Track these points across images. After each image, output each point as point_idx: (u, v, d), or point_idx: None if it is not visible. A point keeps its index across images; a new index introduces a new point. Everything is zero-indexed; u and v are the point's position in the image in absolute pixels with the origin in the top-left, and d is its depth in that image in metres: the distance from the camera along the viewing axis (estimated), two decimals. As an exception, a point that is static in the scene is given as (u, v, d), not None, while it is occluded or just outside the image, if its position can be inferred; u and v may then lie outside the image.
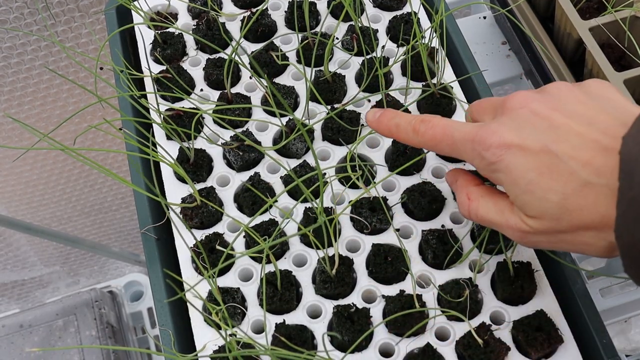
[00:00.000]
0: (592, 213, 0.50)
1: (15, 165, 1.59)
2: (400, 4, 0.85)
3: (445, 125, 0.60)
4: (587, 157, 0.50)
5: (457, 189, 0.63)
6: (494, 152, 0.54)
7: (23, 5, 1.19)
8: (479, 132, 0.56)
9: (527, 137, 0.53)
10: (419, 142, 0.62)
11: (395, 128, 0.64)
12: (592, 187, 0.50)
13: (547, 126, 0.53)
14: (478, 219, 0.60)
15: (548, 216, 0.53)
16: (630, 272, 0.49)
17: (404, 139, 0.64)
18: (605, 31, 0.81)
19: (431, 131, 0.61)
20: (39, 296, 2.10)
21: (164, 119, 0.75)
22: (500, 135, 0.54)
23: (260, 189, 0.71)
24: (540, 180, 0.52)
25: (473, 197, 0.60)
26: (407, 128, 0.63)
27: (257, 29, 0.82)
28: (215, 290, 0.63)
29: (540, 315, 0.64)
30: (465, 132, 0.57)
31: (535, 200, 0.53)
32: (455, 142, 0.58)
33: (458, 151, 0.59)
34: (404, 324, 0.63)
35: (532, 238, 0.56)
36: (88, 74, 1.40)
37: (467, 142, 0.57)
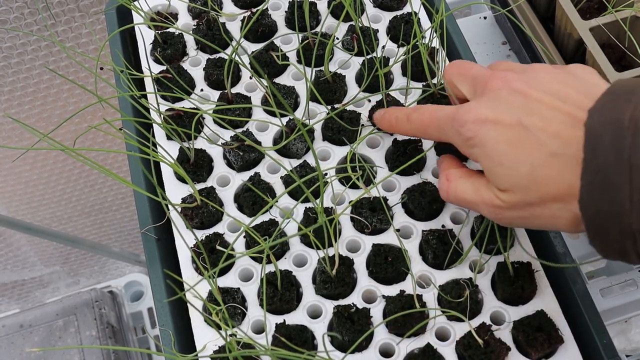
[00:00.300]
0: (559, 183, 0.52)
1: (16, 165, 1.59)
2: (400, 4, 0.85)
3: (433, 109, 0.63)
4: (556, 129, 0.52)
5: (440, 173, 0.66)
6: (470, 127, 0.56)
7: (23, 5, 1.19)
8: (458, 111, 0.58)
9: (501, 112, 0.55)
10: (412, 129, 0.65)
11: (395, 121, 0.68)
12: (559, 158, 0.52)
13: (523, 102, 0.55)
14: (456, 199, 0.62)
15: (518, 188, 0.54)
16: (595, 243, 0.51)
17: (402, 129, 0.67)
18: (606, 31, 0.81)
19: (421, 117, 0.64)
20: (39, 296, 2.10)
21: (164, 119, 0.75)
22: (476, 112, 0.56)
23: (261, 189, 0.71)
24: (510, 152, 0.54)
25: (452, 178, 0.62)
26: (403, 118, 0.66)
27: (257, 29, 0.82)
28: (215, 291, 0.63)
29: (541, 316, 0.64)
30: (447, 112, 0.60)
31: (506, 172, 0.54)
32: (439, 124, 0.61)
33: (443, 132, 0.61)
34: (404, 324, 0.63)
35: (505, 213, 0.57)
36: (88, 74, 1.40)
37: (448, 121, 0.59)
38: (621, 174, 0.47)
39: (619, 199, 0.47)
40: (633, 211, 0.47)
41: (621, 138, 0.47)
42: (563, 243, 0.69)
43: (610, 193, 0.48)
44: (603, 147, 0.48)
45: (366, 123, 0.76)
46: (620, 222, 0.48)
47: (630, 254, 0.50)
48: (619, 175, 0.47)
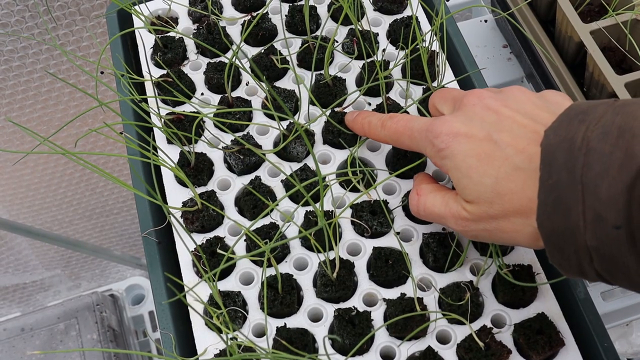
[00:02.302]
0: (521, 197, 0.53)
1: (17, 169, 1.59)
2: (400, 8, 0.85)
3: (408, 119, 0.64)
4: (523, 145, 0.54)
5: (412, 189, 0.67)
6: (443, 139, 0.58)
7: (24, 8, 1.20)
8: (433, 122, 0.60)
9: (474, 127, 0.57)
10: (385, 136, 0.66)
11: (367, 125, 0.69)
12: (522, 172, 0.53)
13: (495, 119, 0.57)
14: (425, 212, 0.63)
15: (483, 200, 0.56)
16: (555, 261, 0.52)
17: (374, 134, 0.68)
18: (607, 34, 0.81)
19: (395, 125, 0.65)
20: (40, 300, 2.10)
21: (164, 123, 0.75)
22: (451, 125, 0.58)
23: (261, 193, 0.71)
24: (478, 165, 0.56)
25: (422, 192, 0.64)
26: (377, 124, 0.67)
27: (257, 33, 0.82)
28: (216, 294, 0.63)
29: (542, 318, 0.64)
30: (421, 123, 0.62)
31: (473, 184, 0.56)
32: (413, 133, 0.62)
33: (415, 141, 0.62)
34: (405, 327, 0.63)
35: (471, 226, 0.58)
36: (89, 78, 1.40)
37: (422, 132, 0.61)
38: (574, 192, 0.48)
39: (573, 218, 0.48)
40: (587, 229, 0.48)
41: (573, 158, 0.49)
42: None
43: (565, 212, 0.49)
44: (557, 166, 0.50)
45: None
46: (575, 240, 0.49)
47: (589, 272, 0.51)
48: (572, 194, 0.48)
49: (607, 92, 0.78)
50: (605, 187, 0.47)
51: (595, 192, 0.47)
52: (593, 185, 0.47)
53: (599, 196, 0.47)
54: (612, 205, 0.46)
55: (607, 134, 0.48)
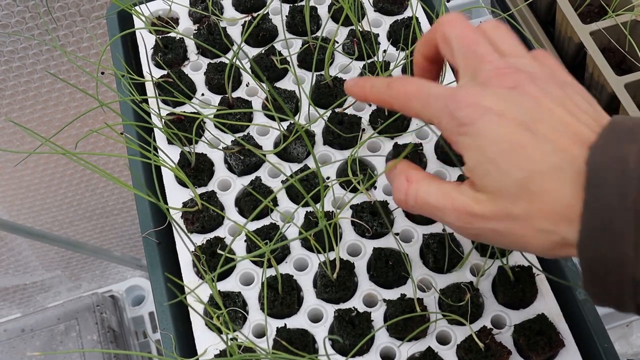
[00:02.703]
0: (555, 201, 0.47)
1: (17, 170, 1.59)
2: (401, 8, 0.85)
3: (422, 83, 0.55)
4: (565, 143, 0.48)
5: (395, 175, 0.57)
6: (469, 112, 0.50)
7: (25, 9, 1.20)
8: (457, 91, 0.52)
9: (508, 109, 0.49)
10: (390, 97, 0.56)
11: (369, 89, 0.59)
12: (562, 172, 0.47)
13: (533, 106, 0.50)
14: (416, 203, 0.54)
15: (506, 193, 0.49)
16: (591, 289, 0.47)
17: (376, 96, 0.58)
18: (606, 35, 0.81)
19: (405, 86, 0.55)
20: (40, 300, 2.10)
21: (165, 124, 0.75)
22: (481, 98, 0.50)
23: (262, 193, 0.71)
24: (509, 153, 0.48)
25: (414, 179, 0.55)
26: (381, 84, 0.58)
27: (258, 34, 0.82)
28: (216, 295, 0.63)
29: (542, 319, 0.64)
30: (440, 89, 0.53)
31: (498, 173, 0.49)
32: (428, 99, 0.53)
33: (429, 108, 0.53)
34: (405, 327, 0.63)
35: (478, 223, 0.51)
36: (89, 79, 1.40)
37: (441, 98, 0.52)
38: (626, 219, 0.43)
39: (622, 247, 0.43)
40: (638, 260, 0.43)
41: (625, 181, 0.44)
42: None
43: (612, 239, 0.44)
44: (606, 188, 0.44)
45: (367, 127, 0.76)
46: (622, 271, 0.44)
47: (628, 304, 0.46)
48: (623, 221, 0.43)
49: (606, 93, 0.78)
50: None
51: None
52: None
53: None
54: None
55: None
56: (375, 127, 0.76)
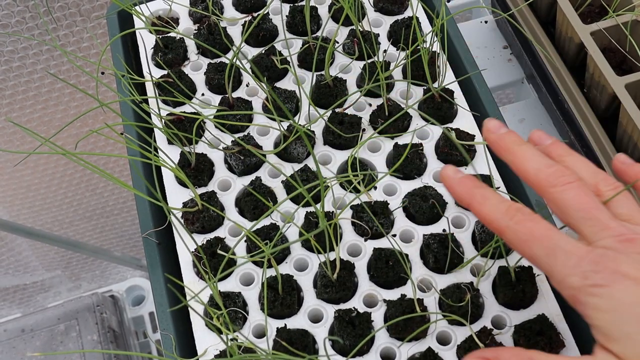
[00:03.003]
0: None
1: (17, 170, 1.59)
2: (401, 8, 0.85)
3: (551, 229, 0.52)
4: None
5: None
6: (605, 276, 0.48)
7: (25, 9, 1.20)
8: (594, 251, 0.50)
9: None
10: (508, 227, 0.53)
11: (480, 198, 0.55)
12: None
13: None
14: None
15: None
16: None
17: (489, 215, 0.54)
18: (607, 35, 0.81)
19: (531, 224, 0.52)
20: (40, 301, 2.10)
21: (165, 124, 0.75)
22: (618, 264, 0.49)
23: (262, 194, 0.71)
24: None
25: (536, 358, 0.51)
26: (498, 206, 0.54)
27: (258, 34, 0.82)
28: (216, 295, 0.63)
29: (542, 320, 0.64)
30: (573, 246, 0.50)
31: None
32: (557, 250, 0.50)
33: (554, 260, 0.51)
34: (405, 328, 0.63)
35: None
36: (89, 79, 1.40)
37: (574, 256, 0.50)
38: None
39: None
40: None
41: None
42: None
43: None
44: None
45: (367, 127, 0.76)
46: None
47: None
48: None
49: (607, 93, 0.78)
50: None
51: None
52: None
53: None
54: None
55: None
56: (375, 127, 0.76)
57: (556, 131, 0.93)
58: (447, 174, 0.58)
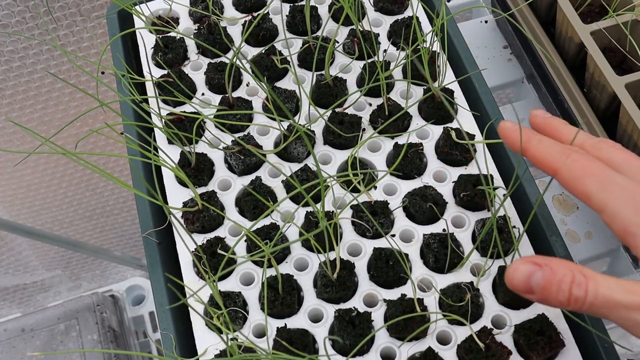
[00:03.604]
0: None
1: (17, 169, 1.59)
2: (401, 8, 0.85)
3: (605, 167, 0.54)
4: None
5: (561, 270, 0.50)
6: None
7: (25, 9, 1.20)
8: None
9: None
10: (564, 164, 0.55)
11: (536, 144, 0.58)
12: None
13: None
14: (596, 299, 0.49)
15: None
16: None
17: (544, 156, 0.57)
18: (607, 35, 0.81)
19: (586, 161, 0.54)
20: (40, 300, 2.10)
21: (165, 123, 0.75)
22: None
23: (262, 193, 0.71)
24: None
25: (589, 274, 0.50)
26: (554, 147, 0.57)
27: (258, 33, 0.82)
28: (216, 294, 0.63)
29: (542, 319, 0.64)
30: (628, 181, 0.52)
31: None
32: (612, 185, 0.52)
33: (607, 193, 0.52)
34: (405, 327, 0.63)
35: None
36: (89, 79, 1.40)
37: (628, 190, 0.51)
38: None
39: None
40: None
41: None
42: (564, 246, 0.69)
43: None
44: None
45: (367, 127, 0.76)
46: None
47: None
48: None
49: (607, 93, 0.78)
50: None
51: None
52: None
53: None
54: None
55: None
56: (375, 126, 0.76)
57: (556, 131, 0.93)
58: (505, 125, 0.60)
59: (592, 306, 0.50)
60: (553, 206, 0.88)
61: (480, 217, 0.70)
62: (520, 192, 0.72)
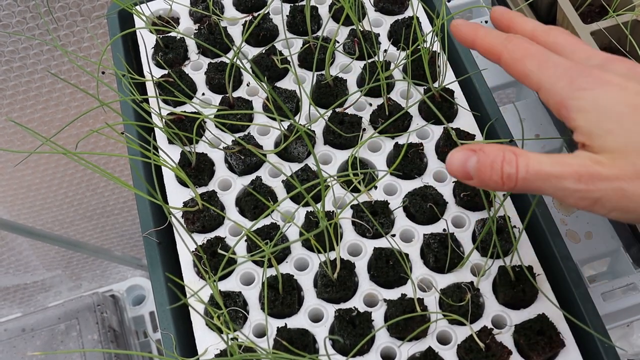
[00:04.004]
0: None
1: (18, 169, 1.59)
2: (401, 8, 0.85)
3: (542, 48, 0.55)
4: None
5: (493, 151, 0.52)
6: (590, 80, 0.51)
7: (25, 9, 1.20)
8: (581, 63, 0.53)
9: (629, 82, 0.51)
10: (506, 48, 0.57)
11: (483, 35, 0.59)
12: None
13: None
14: (528, 173, 0.50)
15: (631, 150, 0.48)
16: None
17: (488, 45, 0.58)
18: (607, 35, 0.81)
19: (527, 44, 0.56)
20: (41, 300, 2.10)
21: (165, 123, 0.75)
22: (604, 73, 0.51)
23: (262, 193, 0.71)
24: (632, 113, 0.49)
25: (520, 152, 0.51)
26: (497, 35, 0.58)
27: (258, 33, 0.82)
28: (216, 294, 0.63)
29: (542, 319, 0.64)
30: (564, 59, 0.53)
31: (622, 130, 0.49)
32: (548, 62, 0.54)
33: (544, 70, 0.53)
34: (405, 327, 0.63)
35: (602, 184, 0.48)
36: (90, 78, 1.40)
37: (563, 65, 0.53)
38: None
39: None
40: None
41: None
42: (564, 246, 0.69)
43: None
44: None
45: (367, 127, 0.76)
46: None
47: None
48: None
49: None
50: None
51: None
52: None
53: None
54: None
55: None
56: (375, 126, 0.76)
57: (556, 131, 0.93)
58: (454, 24, 0.61)
59: (525, 181, 0.51)
60: (553, 206, 0.88)
61: (480, 217, 0.70)
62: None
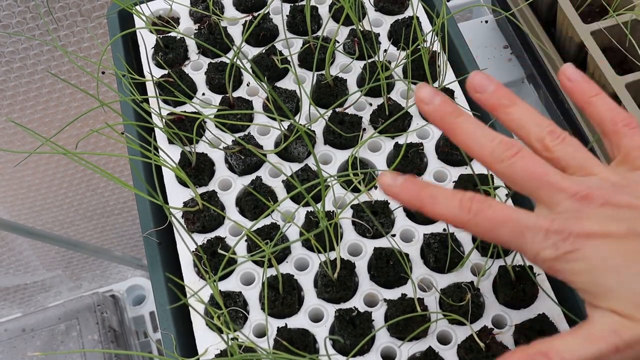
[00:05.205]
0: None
1: (18, 170, 1.59)
2: (401, 8, 0.85)
3: (506, 207, 0.51)
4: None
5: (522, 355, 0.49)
6: (574, 241, 0.48)
7: (25, 9, 1.20)
8: (557, 219, 0.49)
9: (610, 226, 0.48)
10: (470, 222, 0.51)
11: (430, 199, 0.52)
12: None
13: (632, 214, 0.49)
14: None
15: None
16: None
17: (445, 215, 0.52)
18: (607, 35, 0.81)
19: (489, 211, 0.50)
20: (41, 300, 2.10)
21: (165, 123, 0.75)
22: (582, 225, 0.48)
23: (262, 193, 0.71)
24: (628, 263, 0.47)
25: (545, 348, 0.48)
26: (450, 202, 0.51)
27: (258, 33, 0.82)
28: (217, 294, 0.63)
29: (542, 319, 0.64)
30: (534, 219, 0.50)
31: (626, 282, 0.47)
32: (523, 229, 0.50)
33: (522, 239, 0.50)
34: (405, 327, 0.63)
35: (638, 348, 0.47)
36: (90, 79, 1.40)
37: (540, 231, 0.49)
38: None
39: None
40: None
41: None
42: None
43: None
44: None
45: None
46: None
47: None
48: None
49: (607, 93, 0.78)
50: None
51: None
52: None
53: None
54: None
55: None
56: (375, 126, 0.76)
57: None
58: (385, 182, 0.54)
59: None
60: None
61: None
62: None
